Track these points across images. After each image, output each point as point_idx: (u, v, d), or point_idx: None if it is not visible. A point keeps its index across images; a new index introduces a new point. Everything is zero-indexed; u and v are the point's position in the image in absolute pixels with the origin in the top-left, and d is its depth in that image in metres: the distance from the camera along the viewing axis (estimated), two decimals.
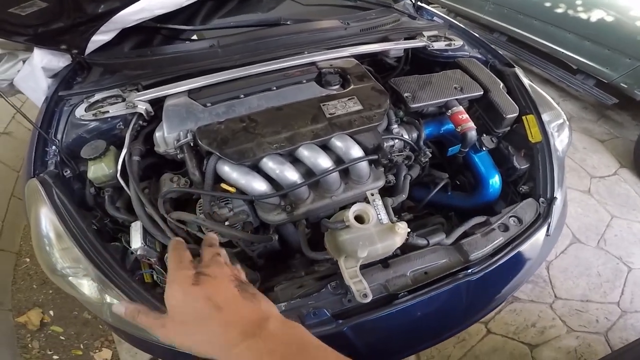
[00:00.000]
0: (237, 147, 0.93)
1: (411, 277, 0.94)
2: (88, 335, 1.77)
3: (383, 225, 0.78)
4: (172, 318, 0.44)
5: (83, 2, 1.03)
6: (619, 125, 2.99)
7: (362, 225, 0.76)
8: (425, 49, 1.38)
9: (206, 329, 0.42)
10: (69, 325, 1.81)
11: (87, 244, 0.89)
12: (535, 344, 1.74)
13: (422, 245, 0.98)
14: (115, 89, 1.16)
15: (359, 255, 0.74)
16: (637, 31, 2.40)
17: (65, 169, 1.03)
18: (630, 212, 2.32)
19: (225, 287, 0.46)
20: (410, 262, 0.95)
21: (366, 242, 0.75)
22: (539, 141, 1.17)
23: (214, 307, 0.42)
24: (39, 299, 1.90)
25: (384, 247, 0.77)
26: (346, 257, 0.81)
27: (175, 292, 0.45)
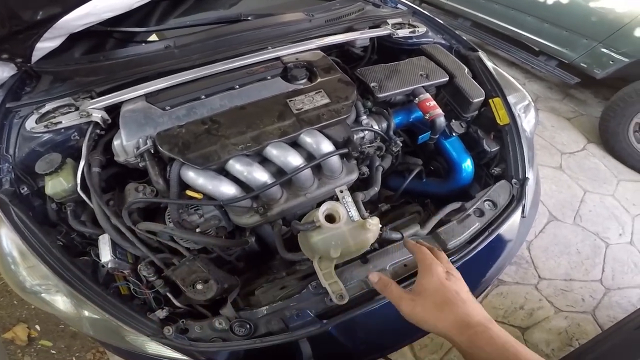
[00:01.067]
0: (201, 151, 0.88)
1: (391, 270, 0.93)
2: (79, 347, 1.74)
3: (354, 223, 0.76)
4: (425, 297, 0.60)
5: (18, 9, 0.94)
6: (583, 103, 3.11)
7: (332, 225, 0.74)
8: (390, 37, 1.37)
9: (452, 312, 0.57)
10: (58, 339, 1.77)
11: (53, 260, 0.87)
12: (526, 326, 1.78)
13: (397, 239, 0.97)
14: (67, 97, 1.08)
15: (332, 255, 0.73)
16: (591, 12, 2.50)
17: (22, 185, 0.97)
18: (601, 186, 2.41)
19: (466, 288, 0.63)
20: (389, 255, 0.94)
21: (338, 241, 0.73)
22: (506, 123, 1.19)
23: (461, 300, 0.58)
24: (22, 314, 1.83)
25: (357, 245, 0.75)
26: (320, 258, 0.79)
27: (433, 281, 0.61)
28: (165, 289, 0.93)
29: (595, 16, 2.50)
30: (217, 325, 0.86)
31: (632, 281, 1.97)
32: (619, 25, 2.39)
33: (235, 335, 0.86)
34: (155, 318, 0.88)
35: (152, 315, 0.88)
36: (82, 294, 0.85)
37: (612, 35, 2.45)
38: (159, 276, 0.92)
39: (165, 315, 0.90)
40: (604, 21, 2.47)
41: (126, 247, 0.92)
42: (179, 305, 0.94)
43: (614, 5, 2.40)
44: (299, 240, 0.84)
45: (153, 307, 0.94)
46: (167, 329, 0.85)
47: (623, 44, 2.42)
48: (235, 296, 0.95)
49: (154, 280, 0.91)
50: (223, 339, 0.86)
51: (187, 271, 0.88)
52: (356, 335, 0.95)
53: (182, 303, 0.95)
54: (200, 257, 0.92)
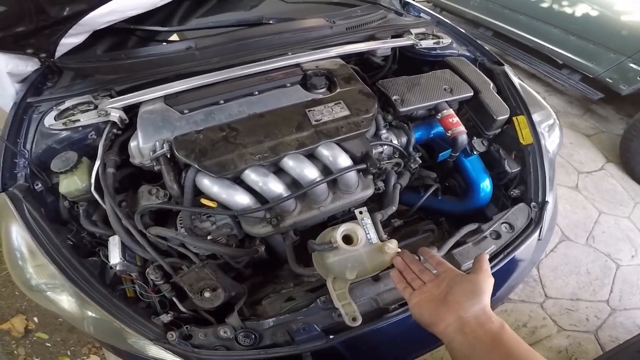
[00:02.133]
0: (217, 159, 0.87)
1: None
2: (75, 341, 1.73)
3: (372, 245, 0.75)
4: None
5: (45, 5, 0.95)
6: (604, 120, 3.02)
7: (350, 247, 0.72)
8: (413, 47, 1.34)
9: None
10: (54, 332, 1.77)
11: (62, 260, 0.86)
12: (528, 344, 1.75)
13: None
14: (87, 95, 1.09)
15: (348, 277, 0.71)
16: (622, 26, 2.41)
17: (36, 181, 0.98)
18: (617, 208, 2.34)
19: None
20: None
21: (355, 263, 0.72)
22: (530, 143, 1.15)
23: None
24: (22, 305, 1.84)
25: (373, 267, 0.74)
26: (335, 278, 0.77)
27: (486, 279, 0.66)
28: (171, 293, 0.93)
29: (626, 30, 2.41)
30: (222, 333, 0.86)
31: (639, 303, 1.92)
32: None
33: (240, 345, 0.85)
34: (159, 322, 0.88)
35: (156, 319, 0.88)
36: (88, 295, 0.86)
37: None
38: (166, 280, 0.92)
39: (170, 319, 0.90)
40: (634, 35, 2.38)
41: (135, 250, 0.92)
42: (184, 311, 0.94)
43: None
44: (313, 259, 0.83)
45: (158, 311, 0.94)
46: (171, 334, 0.84)
47: None
48: (241, 305, 0.94)
49: (161, 284, 0.91)
50: (227, 348, 0.86)
51: (196, 278, 0.88)
52: (361, 352, 0.94)
53: (188, 308, 0.95)
54: (208, 263, 0.91)
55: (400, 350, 1.02)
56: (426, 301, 0.64)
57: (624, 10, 2.40)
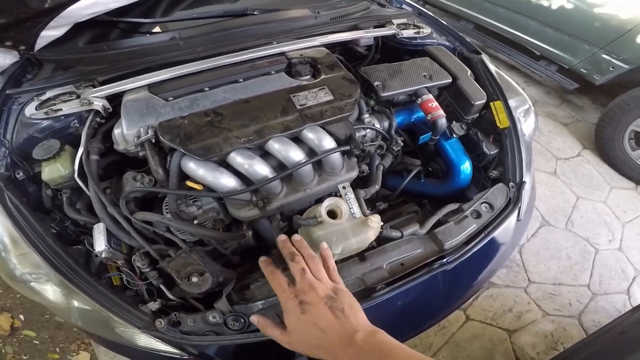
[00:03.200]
0: (203, 143, 0.88)
1: (388, 269, 0.94)
2: (63, 338, 1.72)
3: (356, 220, 0.77)
4: (293, 336, 0.62)
5: None
6: (580, 109, 3.14)
7: (335, 220, 0.75)
8: (394, 37, 1.37)
9: (317, 344, 0.59)
10: (42, 329, 1.75)
11: (46, 248, 0.85)
12: (513, 329, 1.80)
13: (396, 237, 0.98)
14: (69, 85, 1.07)
15: (334, 251, 0.74)
16: (595, 18, 2.51)
17: (17, 171, 0.96)
18: (594, 193, 2.44)
19: (323, 312, 0.61)
20: (386, 253, 0.95)
21: (340, 237, 0.74)
22: (506, 127, 1.20)
23: (320, 331, 0.59)
24: (7, 303, 1.82)
25: (358, 242, 0.76)
26: None
27: (291, 320, 0.62)
28: (158, 280, 0.92)
29: (599, 22, 2.51)
30: (211, 318, 0.86)
31: (619, 287, 2.01)
32: (622, 32, 2.41)
33: (229, 330, 0.86)
34: (147, 310, 0.87)
35: (144, 307, 0.88)
36: (74, 284, 0.85)
37: (614, 42, 2.46)
38: (153, 267, 0.92)
39: (158, 307, 0.89)
40: (606, 27, 2.48)
41: (121, 236, 0.92)
42: (172, 298, 0.94)
43: (618, 11, 2.41)
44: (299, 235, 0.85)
45: (145, 299, 0.93)
46: (159, 321, 0.84)
47: (624, 50, 2.44)
48: (230, 290, 0.94)
49: (147, 271, 0.90)
50: (216, 333, 0.86)
51: (183, 263, 0.87)
52: None
53: (176, 295, 0.95)
54: (196, 249, 0.91)
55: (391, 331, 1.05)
56: None
57: (597, 3, 2.49)
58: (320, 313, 0.60)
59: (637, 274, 2.06)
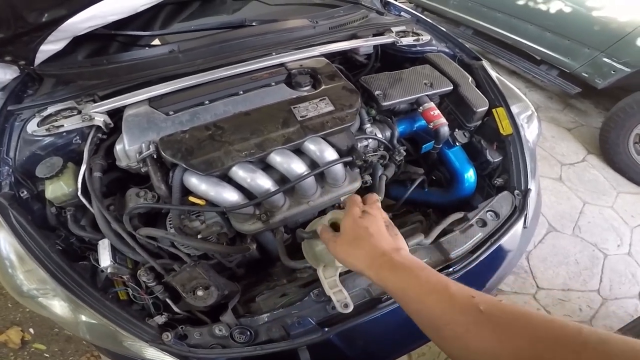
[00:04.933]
0: (204, 157, 0.88)
1: None
2: (72, 351, 1.72)
3: None
4: (342, 237, 0.65)
5: (23, 11, 0.94)
6: (583, 114, 3.12)
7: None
8: (394, 45, 1.37)
9: (361, 247, 0.61)
10: (52, 342, 1.76)
11: (51, 264, 0.86)
12: None
13: None
14: (70, 100, 1.08)
15: (337, 264, 0.73)
16: (594, 21, 2.49)
17: (21, 189, 0.96)
18: (600, 198, 2.41)
19: (379, 223, 0.65)
20: None
21: None
22: (509, 134, 1.18)
23: (368, 234, 0.61)
24: (17, 317, 1.82)
25: None
26: (325, 266, 0.79)
27: (348, 220, 0.66)
28: (164, 294, 0.92)
29: (598, 25, 2.49)
30: (217, 331, 0.86)
31: (629, 291, 1.97)
32: (621, 35, 2.39)
33: (235, 342, 0.85)
34: (154, 324, 0.88)
35: (150, 321, 0.88)
36: (80, 299, 0.85)
37: (614, 45, 2.44)
38: (159, 282, 0.92)
39: (164, 321, 0.89)
40: (606, 30, 2.46)
41: (126, 252, 0.92)
42: (178, 312, 0.94)
43: (616, 14, 2.40)
44: (303, 249, 0.84)
45: (152, 312, 0.94)
46: (166, 334, 0.84)
47: (625, 53, 2.41)
48: (235, 303, 0.94)
49: (153, 285, 0.91)
50: (223, 346, 0.86)
51: (188, 277, 0.87)
52: (357, 344, 0.95)
53: (182, 309, 0.94)
54: (200, 263, 0.91)
55: (396, 341, 1.03)
56: None
57: (596, 6, 2.49)
58: (376, 222, 0.64)
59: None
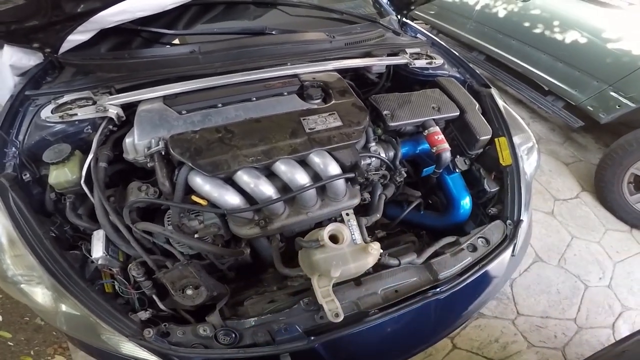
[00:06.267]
0: (211, 159, 0.91)
1: (382, 295, 0.95)
2: (40, 341, 1.68)
3: (357, 246, 0.80)
4: None
5: (62, 0, 0.98)
6: (583, 148, 3.15)
7: (336, 245, 0.77)
8: (406, 66, 1.40)
9: None
10: (19, 331, 1.71)
11: (42, 251, 0.86)
12: (498, 359, 1.80)
13: (394, 265, 0.99)
14: (87, 90, 1.11)
15: (332, 274, 0.76)
16: (607, 54, 2.49)
17: (24, 172, 0.98)
18: (589, 233, 2.45)
19: None
20: (382, 280, 0.97)
21: (340, 261, 0.77)
22: (509, 164, 1.22)
23: None
24: None
25: (357, 267, 0.79)
26: (319, 276, 0.82)
27: None
28: (152, 290, 0.94)
29: (610, 58, 2.48)
30: (202, 331, 0.87)
31: (604, 321, 2.03)
32: (633, 69, 2.37)
33: (219, 344, 0.86)
34: (136, 319, 0.88)
35: (134, 316, 0.89)
36: (66, 288, 0.85)
37: (623, 79, 2.43)
38: (148, 277, 0.93)
39: (148, 317, 0.90)
40: (618, 63, 2.45)
41: (119, 245, 0.93)
42: (163, 309, 0.95)
43: (631, 47, 2.38)
44: (299, 257, 0.87)
45: (136, 307, 0.95)
46: (148, 330, 0.85)
47: (633, 88, 2.41)
48: (223, 305, 0.96)
49: (142, 281, 0.92)
50: (205, 346, 0.86)
51: (179, 275, 0.89)
52: (340, 355, 0.96)
53: (167, 306, 0.96)
54: (192, 262, 0.93)
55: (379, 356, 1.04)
56: None
57: (612, 38, 2.47)
58: None
59: (624, 310, 2.08)
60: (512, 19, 3.09)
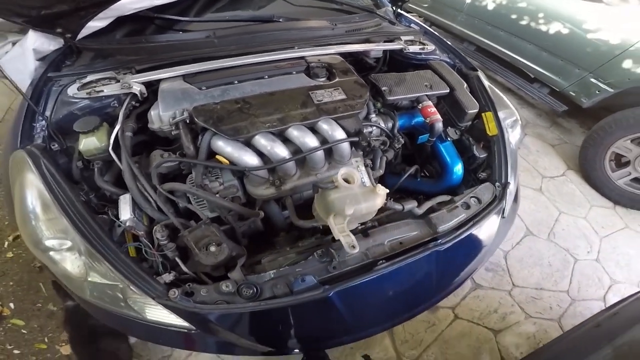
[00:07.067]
0: (232, 125, 1.01)
1: (388, 246, 1.05)
2: (53, 327, 1.67)
3: (366, 187, 0.89)
4: None
5: None
6: (567, 132, 3.31)
7: (348, 185, 0.85)
8: (401, 51, 1.52)
9: None
10: (32, 318, 1.71)
11: (75, 214, 0.91)
12: (498, 329, 1.90)
13: (398, 209, 1.10)
14: (109, 71, 1.20)
15: (347, 212, 0.83)
16: (588, 43, 2.66)
17: (52, 143, 1.05)
18: (575, 209, 2.59)
19: None
20: (387, 232, 1.07)
21: (352, 200, 0.85)
22: (495, 134, 1.34)
23: None
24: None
25: (367, 207, 0.87)
26: (335, 215, 0.88)
27: None
28: (174, 253, 0.98)
29: (591, 47, 2.65)
30: (224, 288, 0.91)
31: (595, 294, 2.14)
32: (610, 57, 2.54)
33: (241, 297, 0.90)
34: (161, 281, 0.92)
35: (158, 278, 0.92)
36: (97, 250, 0.89)
37: (602, 66, 2.60)
38: (171, 240, 0.98)
39: (171, 279, 0.94)
40: (597, 52, 2.62)
41: (145, 207, 0.99)
42: (186, 271, 0.99)
43: (609, 37, 2.55)
44: (315, 203, 0.96)
45: (160, 271, 0.98)
46: (173, 291, 0.88)
47: (610, 74, 2.57)
48: (242, 262, 1.01)
49: (165, 243, 0.96)
50: (227, 302, 0.90)
51: (202, 234, 0.94)
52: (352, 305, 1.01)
53: (189, 269, 1.00)
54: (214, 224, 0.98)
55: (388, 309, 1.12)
56: None
57: (591, 29, 2.65)
58: None
59: (613, 283, 2.19)
60: (500, 11, 3.25)
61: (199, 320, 0.93)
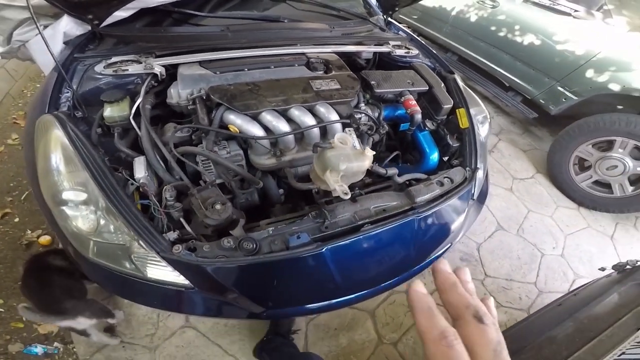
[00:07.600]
0: (244, 102, 1.19)
1: (373, 211, 1.19)
2: None
3: (357, 150, 1.06)
4: None
5: None
6: (539, 139, 3.59)
7: (343, 145, 1.01)
8: (389, 54, 1.74)
9: None
10: (11, 297, 1.72)
11: (95, 168, 0.99)
12: None
13: (382, 172, 1.27)
14: (132, 55, 1.35)
15: (340, 167, 0.98)
16: (557, 54, 2.91)
17: (76, 111, 1.16)
18: (543, 208, 2.83)
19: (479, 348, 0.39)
20: (372, 200, 1.22)
21: (345, 159, 1.00)
22: (467, 127, 1.55)
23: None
24: None
25: (357, 166, 1.01)
26: (331, 170, 1.01)
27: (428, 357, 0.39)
28: (180, 213, 1.06)
29: (559, 57, 2.89)
30: (225, 243, 0.98)
31: (561, 287, 2.34)
32: (575, 67, 2.78)
33: (242, 251, 0.97)
34: (167, 237, 0.99)
35: (164, 235, 0.99)
36: (113, 204, 0.96)
37: (568, 75, 2.84)
38: (177, 200, 1.07)
39: (175, 237, 1.01)
40: (564, 62, 2.86)
41: (157, 168, 1.11)
42: (189, 231, 1.05)
43: (575, 48, 2.80)
44: (314, 160, 1.08)
45: (165, 230, 1.03)
46: (177, 246, 0.95)
47: (575, 83, 2.82)
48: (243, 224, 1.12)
49: (172, 203, 1.04)
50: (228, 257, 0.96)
51: (208, 195, 1.04)
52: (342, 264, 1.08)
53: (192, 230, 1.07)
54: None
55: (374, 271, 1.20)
56: None
57: (560, 40, 2.89)
58: None
59: (576, 277, 2.42)
60: (481, 23, 3.47)
61: (198, 274, 0.98)
